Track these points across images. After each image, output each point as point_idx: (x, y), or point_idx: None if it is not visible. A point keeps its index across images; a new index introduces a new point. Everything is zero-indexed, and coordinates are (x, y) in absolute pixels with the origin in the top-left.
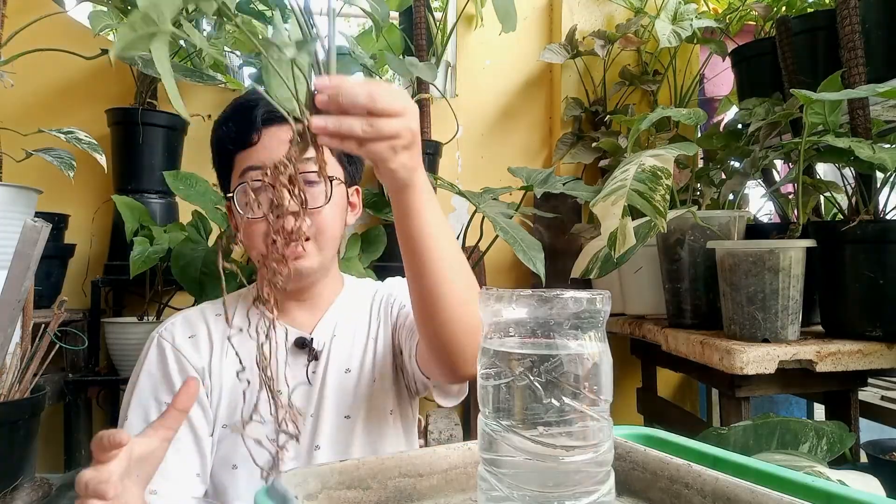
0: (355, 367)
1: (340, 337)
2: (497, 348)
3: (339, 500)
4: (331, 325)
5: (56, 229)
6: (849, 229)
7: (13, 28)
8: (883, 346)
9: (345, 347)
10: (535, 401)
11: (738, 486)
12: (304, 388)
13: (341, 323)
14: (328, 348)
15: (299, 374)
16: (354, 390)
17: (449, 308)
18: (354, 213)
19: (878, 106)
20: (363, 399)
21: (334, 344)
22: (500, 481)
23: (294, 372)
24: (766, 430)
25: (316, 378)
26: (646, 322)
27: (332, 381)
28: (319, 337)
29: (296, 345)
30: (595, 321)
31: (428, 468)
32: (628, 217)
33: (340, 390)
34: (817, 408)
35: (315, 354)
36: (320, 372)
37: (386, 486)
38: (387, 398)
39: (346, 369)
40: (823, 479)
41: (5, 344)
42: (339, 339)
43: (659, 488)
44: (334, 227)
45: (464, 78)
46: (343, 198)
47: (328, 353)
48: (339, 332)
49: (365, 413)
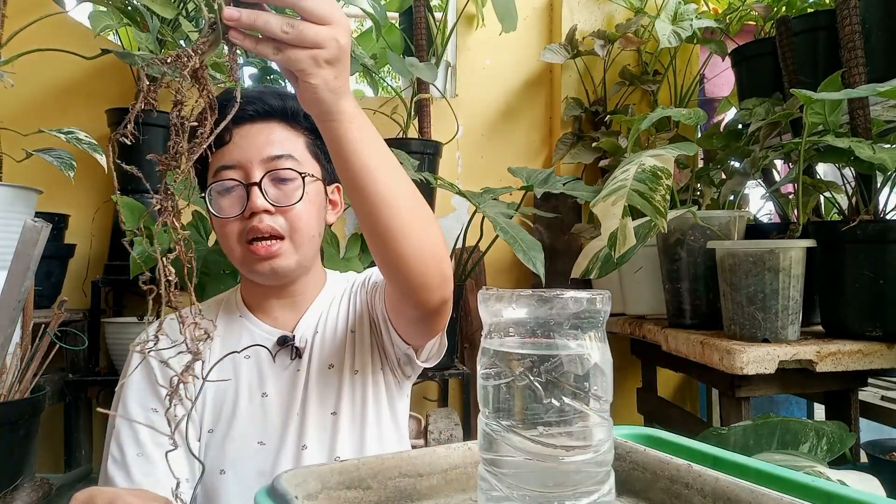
0: (338, 362)
1: (322, 333)
2: (497, 348)
3: (339, 500)
4: (312, 322)
5: (56, 229)
6: (849, 229)
7: (13, 28)
8: (883, 346)
9: (327, 343)
10: (535, 401)
11: (738, 486)
12: (289, 387)
13: (323, 319)
14: (310, 345)
15: (283, 373)
16: (338, 386)
17: (403, 238)
18: (335, 210)
19: (878, 106)
20: (347, 394)
21: (316, 341)
22: (500, 481)
23: (277, 371)
24: (766, 430)
25: (300, 376)
26: (646, 322)
27: (315, 379)
28: (301, 334)
29: (278, 343)
30: (595, 321)
31: (428, 468)
32: (628, 217)
33: (324, 387)
34: (817, 408)
35: (298, 352)
36: (304, 370)
37: (386, 486)
38: (371, 390)
39: (330, 365)
40: (823, 479)
41: (5, 344)
42: (321, 335)
43: (659, 488)
44: (310, 226)
45: (464, 78)
46: (320, 195)
47: (310, 350)
48: (321, 329)
49: (350, 408)
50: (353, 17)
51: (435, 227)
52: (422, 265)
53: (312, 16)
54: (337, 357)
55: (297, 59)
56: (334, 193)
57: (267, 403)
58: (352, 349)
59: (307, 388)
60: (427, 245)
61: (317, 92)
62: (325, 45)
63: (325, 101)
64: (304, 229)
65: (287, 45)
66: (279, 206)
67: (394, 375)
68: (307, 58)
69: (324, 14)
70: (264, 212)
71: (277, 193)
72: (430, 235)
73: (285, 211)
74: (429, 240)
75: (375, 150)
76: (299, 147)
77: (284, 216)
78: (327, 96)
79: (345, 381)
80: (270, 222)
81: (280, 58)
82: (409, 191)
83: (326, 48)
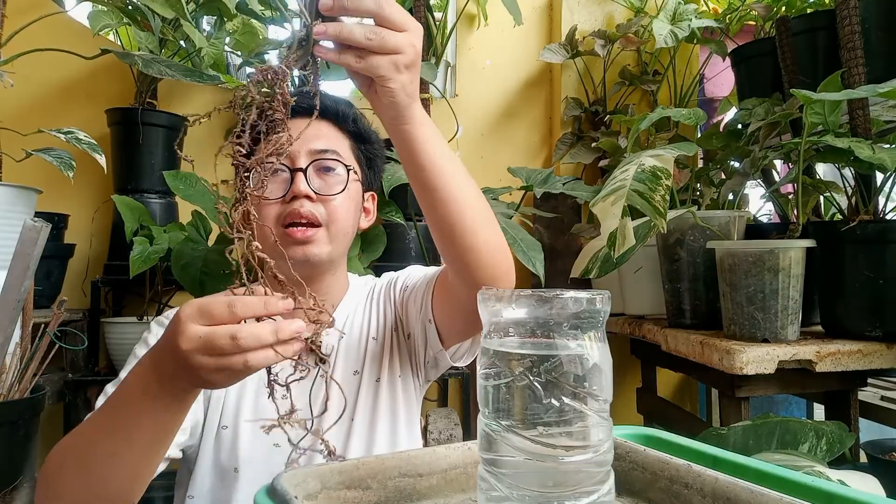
0: (361, 368)
1: (347, 339)
2: (497, 348)
3: (339, 500)
4: (337, 327)
5: (56, 229)
6: (848, 229)
7: (13, 28)
8: (883, 346)
9: (352, 350)
10: (535, 401)
11: (738, 486)
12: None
13: (348, 325)
14: (336, 351)
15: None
16: (357, 392)
17: (475, 233)
18: (368, 218)
19: (878, 106)
20: (367, 400)
21: (341, 346)
22: (500, 481)
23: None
24: (766, 430)
25: (322, 382)
26: (646, 322)
27: (340, 385)
28: (327, 340)
29: None
30: (595, 321)
31: (428, 468)
32: (628, 217)
33: (348, 393)
34: (817, 408)
35: (321, 358)
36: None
37: (386, 486)
38: (389, 397)
39: (354, 371)
40: (823, 479)
41: (5, 344)
42: (346, 341)
43: (659, 488)
44: (347, 221)
45: (464, 78)
46: (359, 196)
47: (335, 355)
48: (347, 334)
49: (366, 414)
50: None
51: (496, 221)
52: (492, 258)
53: (391, 23)
54: (360, 364)
55: (378, 65)
56: (368, 201)
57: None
58: (373, 357)
59: (330, 394)
60: (495, 237)
61: (394, 96)
62: (404, 51)
63: (401, 105)
64: (341, 222)
65: (369, 52)
66: (321, 194)
67: (415, 381)
68: (388, 63)
69: (401, 21)
70: (306, 197)
71: (321, 183)
72: (496, 228)
73: (326, 200)
74: (496, 232)
75: (443, 150)
76: (344, 147)
77: (325, 205)
78: (403, 100)
79: (365, 387)
80: (311, 208)
81: (362, 65)
82: (475, 188)
83: (405, 53)
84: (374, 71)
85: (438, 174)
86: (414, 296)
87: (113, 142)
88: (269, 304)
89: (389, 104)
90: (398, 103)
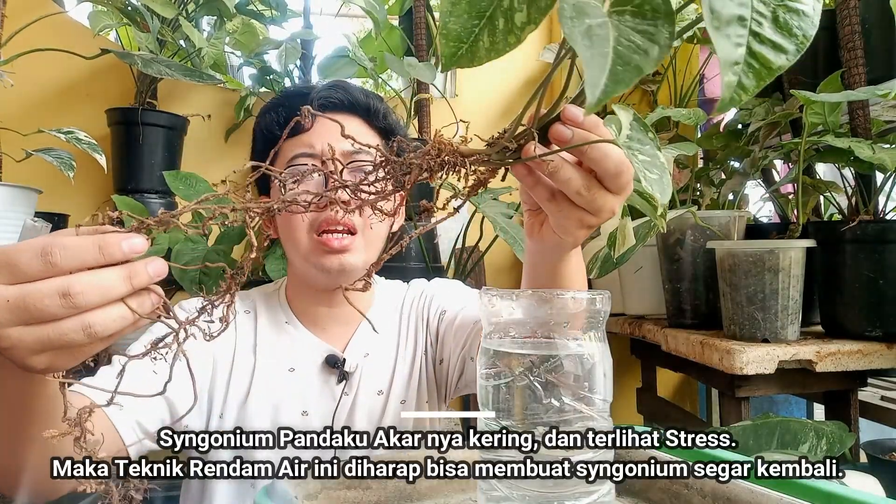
0: (387, 388)
1: (374, 356)
2: (497, 348)
3: (339, 500)
4: (364, 342)
5: (56, 229)
6: (848, 229)
7: (13, 28)
8: (883, 346)
9: (377, 367)
10: (535, 401)
11: (737, 486)
12: (331, 410)
13: (375, 341)
14: (361, 369)
15: (328, 394)
16: (384, 412)
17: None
18: (398, 220)
19: (878, 106)
20: (393, 421)
21: (367, 363)
22: (500, 481)
23: (322, 392)
24: (766, 430)
25: (346, 400)
26: (646, 322)
27: (363, 404)
28: (352, 357)
29: (327, 362)
30: (595, 321)
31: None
32: (628, 217)
33: (371, 413)
34: (817, 408)
35: (346, 375)
36: (352, 394)
37: (386, 486)
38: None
39: (379, 391)
40: (823, 479)
41: None
42: (373, 357)
43: (659, 488)
44: (381, 227)
45: (464, 78)
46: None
47: (360, 374)
48: (373, 351)
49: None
50: (353, 18)
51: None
52: None
53: (610, 182)
54: (385, 383)
55: (567, 216)
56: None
57: (308, 423)
58: (400, 377)
59: (353, 414)
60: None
61: (562, 245)
62: (601, 216)
63: (563, 248)
64: (377, 228)
65: (568, 203)
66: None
67: (440, 405)
68: (576, 221)
69: (621, 185)
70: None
71: None
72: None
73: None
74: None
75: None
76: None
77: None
78: (568, 246)
79: (390, 408)
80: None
81: (552, 208)
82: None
83: (600, 218)
84: (559, 219)
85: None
86: (456, 331)
87: (113, 142)
88: (106, 246)
89: (553, 241)
90: (562, 247)
